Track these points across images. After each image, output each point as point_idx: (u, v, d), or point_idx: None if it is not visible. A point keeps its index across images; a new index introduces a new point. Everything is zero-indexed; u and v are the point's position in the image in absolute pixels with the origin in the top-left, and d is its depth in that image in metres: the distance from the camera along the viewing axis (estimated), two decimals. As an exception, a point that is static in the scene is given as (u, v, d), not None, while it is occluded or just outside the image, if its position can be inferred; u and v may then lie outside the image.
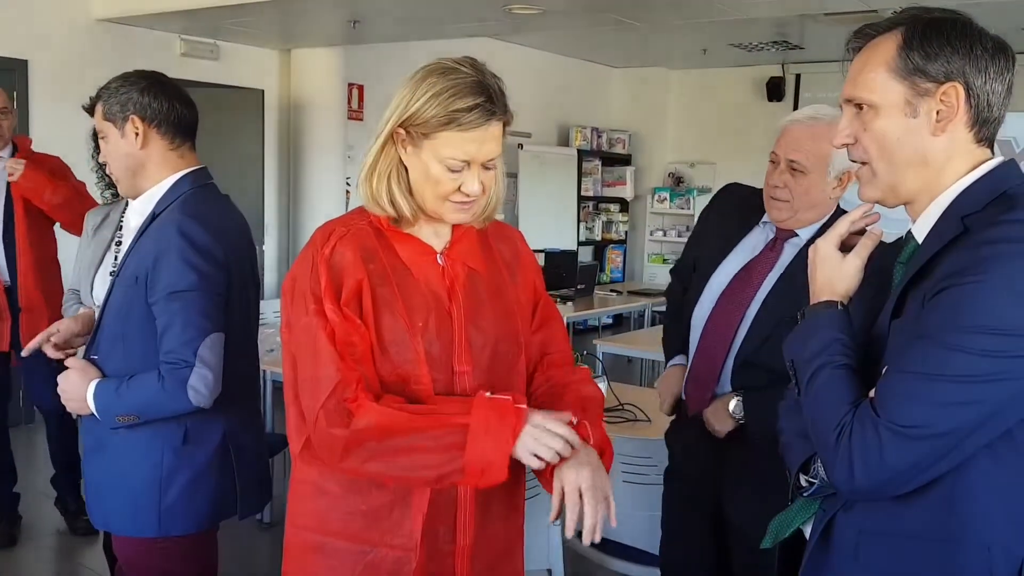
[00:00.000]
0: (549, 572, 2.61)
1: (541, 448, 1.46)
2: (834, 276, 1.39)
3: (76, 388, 1.99)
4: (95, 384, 1.98)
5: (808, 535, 1.43)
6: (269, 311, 4.95)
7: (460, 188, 1.53)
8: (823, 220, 2.18)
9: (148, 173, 2.07)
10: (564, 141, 9.77)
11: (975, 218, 1.25)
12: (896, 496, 1.25)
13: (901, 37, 1.29)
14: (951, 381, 1.17)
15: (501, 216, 1.77)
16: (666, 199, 10.12)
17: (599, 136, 9.99)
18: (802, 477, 1.40)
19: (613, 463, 1.65)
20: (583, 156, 9.72)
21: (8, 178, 3.56)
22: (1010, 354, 1.16)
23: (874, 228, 1.42)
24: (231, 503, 2.10)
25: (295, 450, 1.61)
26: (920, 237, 1.33)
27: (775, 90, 9.45)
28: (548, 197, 9.18)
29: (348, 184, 7.26)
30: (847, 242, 1.42)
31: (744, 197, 2.35)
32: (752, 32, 7.91)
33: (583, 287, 6.95)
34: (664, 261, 9.98)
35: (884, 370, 1.26)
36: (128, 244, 2.07)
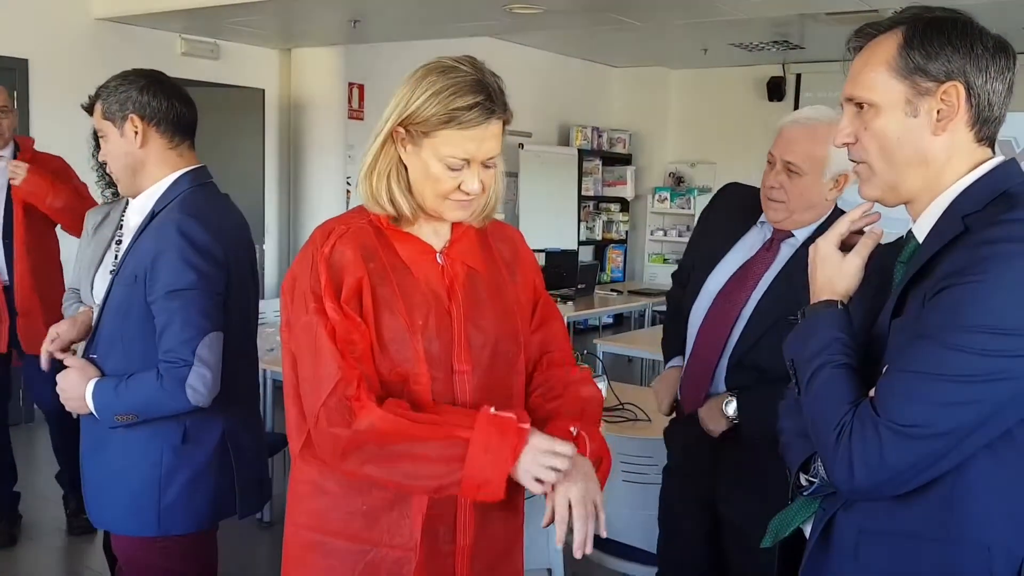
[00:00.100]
0: (549, 572, 2.61)
1: (543, 471, 1.45)
2: (834, 275, 1.39)
3: (75, 387, 1.99)
4: (94, 383, 1.98)
5: (808, 534, 1.43)
6: (269, 311, 4.95)
7: (460, 187, 1.53)
8: (820, 221, 2.18)
9: (147, 172, 2.07)
10: (564, 141, 9.77)
11: (975, 217, 1.25)
12: (896, 496, 1.24)
13: (902, 36, 1.29)
14: (951, 381, 1.17)
15: (501, 216, 1.77)
16: (666, 199, 10.12)
17: (599, 136, 10.00)
18: (802, 476, 1.40)
19: (613, 463, 1.65)
20: (583, 156, 9.73)
21: (11, 181, 3.54)
22: (1010, 353, 1.16)
23: (874, 227, 1.42)
24: (230, 502, 2.10)
25: (295, 449, 1.61)
26: (920, 236, 1.33)
27: (776, 90, 9.45)
28: (548, 197, 9.18)
29: (348, 184, 7.26)
30: (847, 241, 1.42)
31: (743, 197, 2.35)
32: (752, 32, 7.91)
33: (583, 287, 6.95)
34: (664, 261, 9.98)
35: (884, 369, 1.26)
36: (128, 243, 2.07)
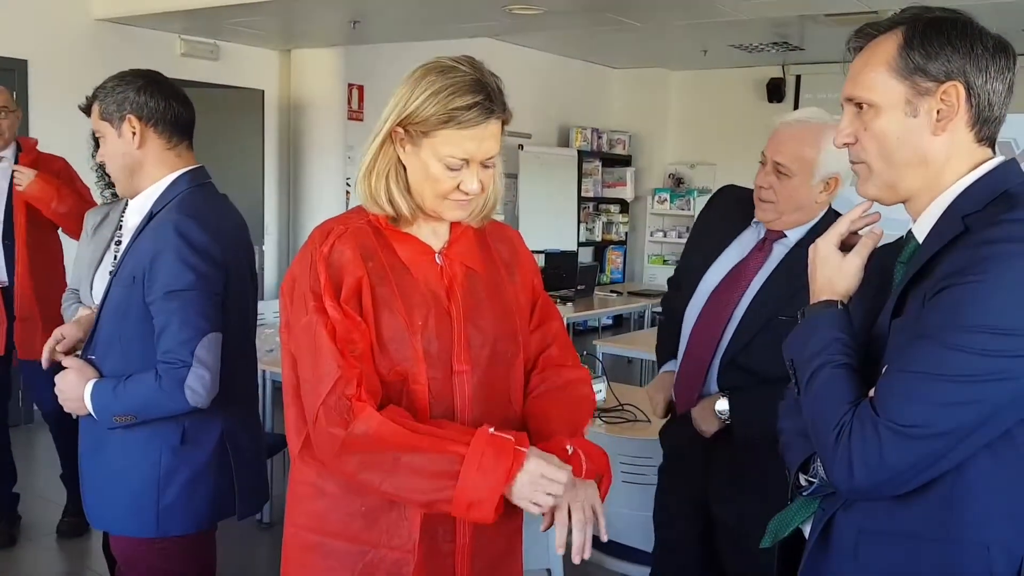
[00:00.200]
0: (548, 572, 2.60)
1: (539, 496, 1.44)
2: (834, 275, 1.39)
3: (73, 388, 1.99)
4: (92, 384, 1.97)
5: (807, 534, 1.43)
6: (269, 311, 4.95)
7: (459, 187, 1.52)
8: (812, 223, 2.18)
9: (145, 172, 2.06)
10: (564, 142, 9.77)
11: (976, 218, 1.25)
12: (896, 496, 1.24)
13: (902, 36, 1.29)
14: (951, 381, 1.17)
15: (501, 216, 1.77)
16: (666, 200, 10.12)
17: (599, 137, 10.00)
18: (801, 476, 1.40)
19: (612, 464, 1.65)
20: (583, 157, 9.73)
21: (16, 187, 3.54)
22: (1010, 353, 1.16)
23: (874, 228, 1.42)
24: (229, 503, 2.10)
25: (294, 450, 1.61)
26: (920, 237, 1.33)
27: (775, 91, 9.46)
28: (548, 198, 9.18)
29: (348, 184, 7.25)
30: (847, 241, 1.42)
31: (739, 198, 2.35)
32: (752, 33, 7.91)
33: (583, 288, 6.96)
34: (664, 262, 9.98)
35: (884, 369, 1.26)
36: (126, 243, 2.07)
